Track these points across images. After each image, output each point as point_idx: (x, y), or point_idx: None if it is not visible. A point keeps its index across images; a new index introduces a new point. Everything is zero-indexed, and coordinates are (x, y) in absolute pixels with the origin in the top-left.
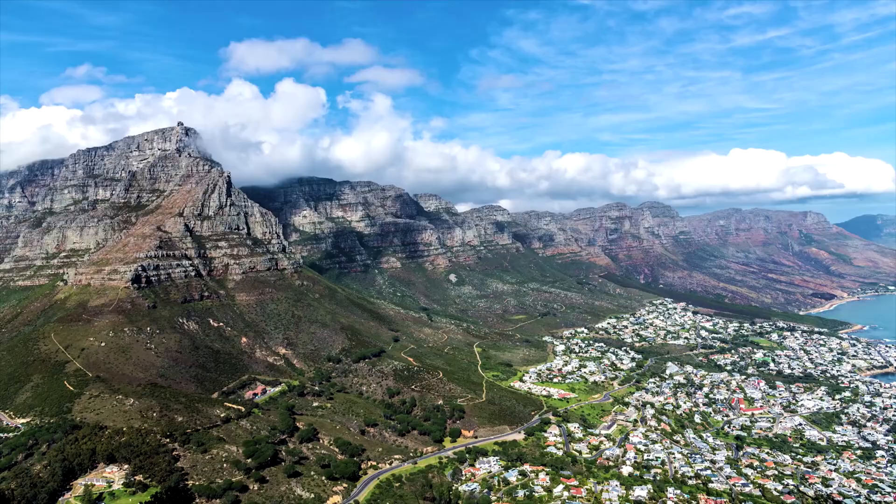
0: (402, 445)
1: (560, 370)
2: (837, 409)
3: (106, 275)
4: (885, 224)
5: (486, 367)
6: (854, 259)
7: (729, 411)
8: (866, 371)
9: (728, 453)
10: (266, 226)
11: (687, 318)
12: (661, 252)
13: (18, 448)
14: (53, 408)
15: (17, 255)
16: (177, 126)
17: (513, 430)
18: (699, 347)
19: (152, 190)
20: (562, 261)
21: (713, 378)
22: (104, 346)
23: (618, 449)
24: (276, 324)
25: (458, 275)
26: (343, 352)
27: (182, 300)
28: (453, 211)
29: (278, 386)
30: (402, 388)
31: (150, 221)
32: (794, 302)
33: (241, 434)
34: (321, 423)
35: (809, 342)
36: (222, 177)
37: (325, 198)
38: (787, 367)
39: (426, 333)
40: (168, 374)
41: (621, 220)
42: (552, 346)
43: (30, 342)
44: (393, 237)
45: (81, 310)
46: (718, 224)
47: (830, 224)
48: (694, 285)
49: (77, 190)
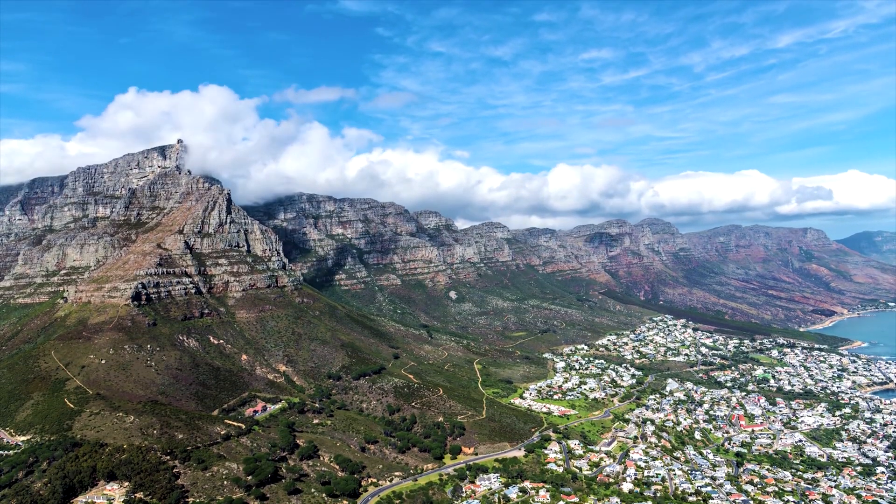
0: (403, 462)
1: (560, 387)
2: (838, 426)
3: (106, 292)
4: (884, 240)
5: (486, 383)
6: (854, 275)
7: (729, 428)
8: (866, 387)
9: (728, 470)
10: (266, 243)
11: (687, 334)
12: (661, 269)
13: (19, 466)
14: (54, 425)
15: (18, 272)
16: (177, 143)
17: (513, 447)
18: (699, 364)
19: (152, 207)
20: (562, 277)
21: (713, 395)
22: (104, 364)
23: (618, 466)
24: (277, 341)
25: (459, 292)
26: (343, 369)
27: (182, 317)
28: (453, 228)
29: (278, 403)
30: (402, 405)
31: (150, 239)
32: (794, 318)
33: (242, 451)
34: (321, 440)
35: (809, 359)
36: (222, 194)
37: (326, 215)
38: (787, 384)
39: (426, 350)
40: (168, 391)
41: (621, 236)
42: (552, 362)
43: (30, 359)
44: (393, 254)
45: (82, 327)
46: (718, 241)
47: (830, 240)
48: (694, 302)
49: (77, 207)
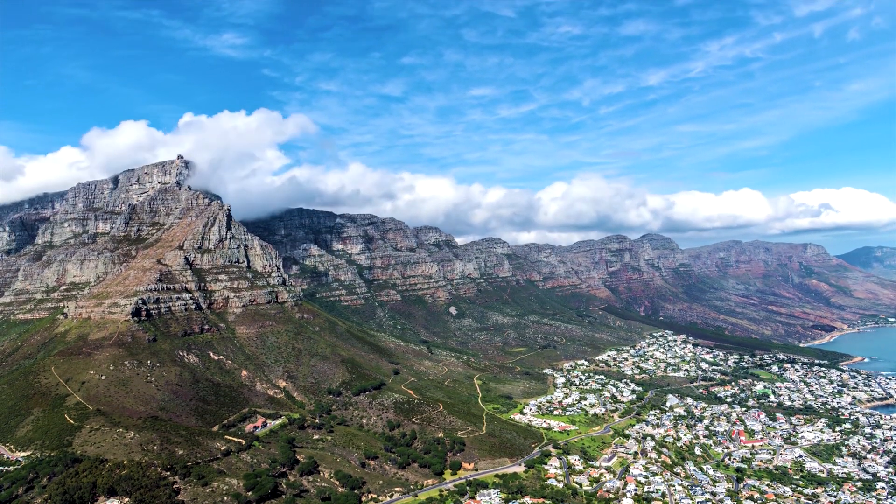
0: (403, 478)
1: (560, 402)
2: (838, 441)
3: (106, 308)
4: (884, 256)
5: (486, 399)
6: (854, 291)
7: (729, 443)
8: (866, 403)
9: (729, 485)
10: (266, 259)
11: (687, 350)
12: (662, 284)
13: (19, 482)
14: (54, 441)
15: (18, 288)
16: (177, 159)
17: (513, 463)
18: (699, 379)
19: (152, 223)
20: (562, 293)
21: (713, 410)
22: (104, 380)
23: (618, 481)
24: (277, 356)
25: (459, 307)
26: (343, 384)
27: (182, 333)
28: (453, 243)
29: (279, 419)
30: (402, 420)
31: (150, 255)
32: (794, 334)
33: (242, 467)
34: (321, 455)
35: (810, 374)
36: (222, 210)
37: (326, 230)
38: (787, 399)
39: (426, 366)
40: (168, 407)
41: (621, 252)
42: (552, 378)
43: (30, 375)
44: (393, 270)
45: (82, 343)
46: (718, 256)
47: (830, 256)
48: (694, 317)
49: (77, 223)
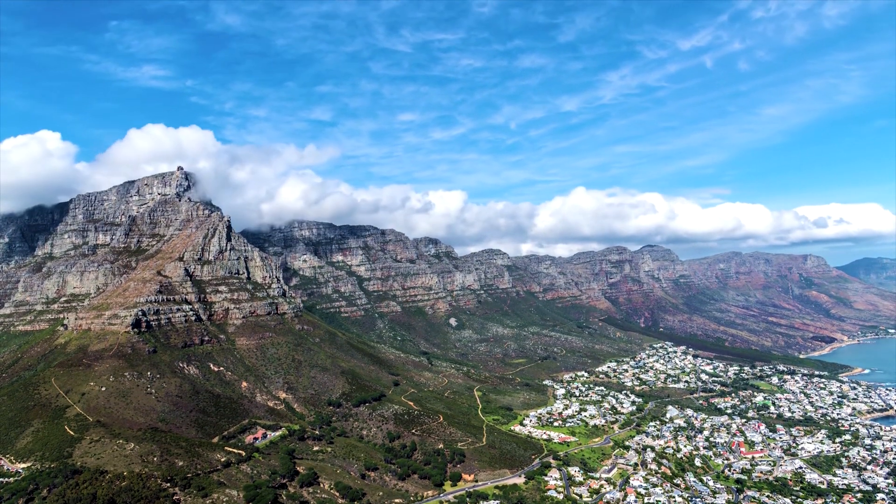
0: (403, 489)
1: (560, 414)
2: (838, 453)
3: (106, 319)
4: (885, 267)
5: (486, 410)
6: (854, 302)
7: (729, 454)
8: (867, 414)
9: (729, 497)
10: (266, 270)
11: (687, 361)
12: (662, 295)
13: (19, 493)
14: (54, 452)
15: (18, 299)
16: (176, 171)
17: (513, 474)
18: (699, 391)
19: (152, 234)
20: (562, 304)
21: (714, 421)
22: (105, 391)
23: (618, 492)
24: (277, 368)
25: (459, 319)
26: (343, 396)
27: (182, 344)
28: (453, 255)
29: (279, 430)
30: (402, 432)
31: (150, 266)
32: (794, 345)
33: (242, 478)
34: (322, 467)
35: (810, 385)
36: (222, 221)
37: (326, 242)
38: (787, 411)
39: (426, 377)
40: (168, 418)
41: (621, 263)
42: (552, 389)
43: (30, 387)
44: (393, 281)
45: (82, 354)
46: (718, 267)
47: (830, 267)
48: (694, 329)
49: (77, 234)
